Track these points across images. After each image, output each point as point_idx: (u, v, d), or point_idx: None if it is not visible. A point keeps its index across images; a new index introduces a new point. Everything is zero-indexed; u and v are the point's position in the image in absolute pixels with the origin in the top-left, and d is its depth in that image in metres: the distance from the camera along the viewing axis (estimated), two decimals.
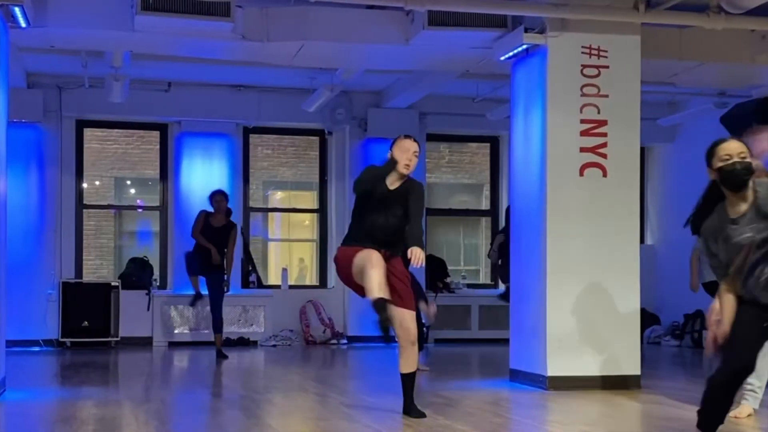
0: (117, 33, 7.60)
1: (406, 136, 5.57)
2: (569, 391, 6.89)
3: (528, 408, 6.34)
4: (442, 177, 13.83)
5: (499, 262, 10.01)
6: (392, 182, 5.52)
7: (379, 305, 5.21)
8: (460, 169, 13.81)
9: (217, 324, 9.80)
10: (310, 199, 12.82)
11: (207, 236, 9.73)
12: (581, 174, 7.20)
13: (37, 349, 10.61)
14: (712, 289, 8.85)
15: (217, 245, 9.72)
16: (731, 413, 5.19)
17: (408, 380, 5.62)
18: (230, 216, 9.88)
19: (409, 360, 5.58)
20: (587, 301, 7.14)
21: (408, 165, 5.45)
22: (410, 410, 5.60)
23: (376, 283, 5.24)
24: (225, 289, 9.73)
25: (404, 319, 5.49)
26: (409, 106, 11.48)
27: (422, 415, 5.55)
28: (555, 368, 7.05)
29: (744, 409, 5.56)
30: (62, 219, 11.09)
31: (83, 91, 10.77)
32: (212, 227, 9.76)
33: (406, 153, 5.43)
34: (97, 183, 13.81)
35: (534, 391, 6.99)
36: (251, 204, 12.28)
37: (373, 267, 5.28)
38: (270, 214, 13.57)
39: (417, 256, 5.23)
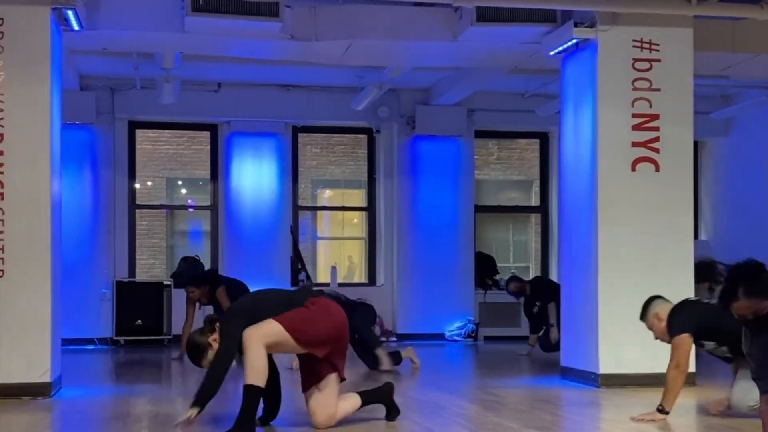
0: (168, 34, 7.70)
1: None
2: (622, 388, 6.81)
3: (579, 406, 6.28)
4: (491, 174, 13.77)
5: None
6: None
7: None
8: (509, 165, 13.73)
9: None
10: (358, 197, 12.85)
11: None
12: (633, 169, 7.12)
13: (91, 347, 10.78)
14: None
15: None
16: None
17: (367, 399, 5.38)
18: (203, 283, 9.26)
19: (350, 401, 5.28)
20: (640, 297, 7.02)
21: None
22: (390, 410, 5.42)
23: None
24: None
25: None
26: (457, 102, 11.44)
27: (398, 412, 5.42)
28: (607, 365, 6.98)
29: None
30: (116, 219, 11.26)
31: (135, 93, 10.91)
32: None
33: None
34: (149, 183, 14.00)
35: (586, 389, 6.93)
36: (300, 203, 12.35)
37: None
38: (319, 212, 13.63)
39: None
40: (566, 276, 7.71)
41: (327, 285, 11.85)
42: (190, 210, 13.12)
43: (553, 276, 12.16)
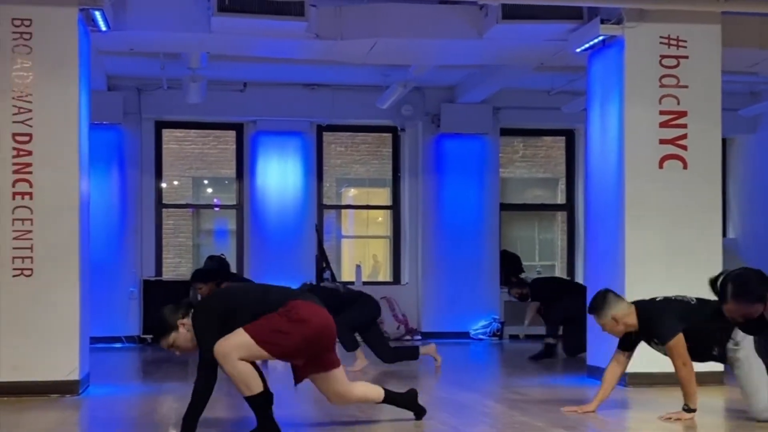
0: (194, 35, 7.74)
1: None
2: (649, 387, 6.77)
3: (606, 404, 6.22)
4: (516, 171, 13.74)
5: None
6: None
7: None
8: (535, 163, 13.69)
9: None
10: (383, 196, 12.86)
11: None
12: (660, 166, 7.07)
13: (119, 345, 10.85)
14: None
15: None
16: None
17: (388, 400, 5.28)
18: (210, 279, 8.96)
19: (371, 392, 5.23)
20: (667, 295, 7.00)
21: None
22: (417, 412, 5.34)
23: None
24: None
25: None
26: (483, 100, 11.41)
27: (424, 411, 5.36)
28: (634, 365, 6.89)
29: None
30: (142, 218, 11.33)
31: (162, 93, 10.98)
32: None
33: None
34: (176, 183, 14.10)
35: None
36: (325, 201, 12.37)
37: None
38: (343, 211, 13.64)
39: None
40: (593, 274, 7.66)
41: (351, 283, 11.89)
42: (216, 209, 13.19)
43: (579, 274, 12.11)
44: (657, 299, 5.65)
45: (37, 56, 6.57)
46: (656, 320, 5.50)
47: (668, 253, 7.05)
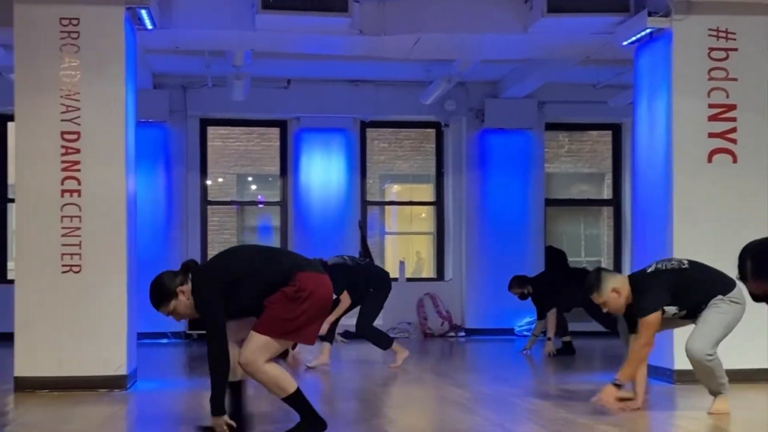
0: (238, 32, 7.79)
1: None
2: (697, 384, 6.64)
3: (654, 401, 6.17)
4: (561, 166, 13.63)
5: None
6: None
7: None
8: (580, 158, 13.56)
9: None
10: (426, 192, 12.83)
11: None
12: (709, 160, 6.97)
13: (165, 341, 10.97)
14: None
15: None
16: None
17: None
18: None
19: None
20: None
21: None
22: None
23: None
24: None
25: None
26: (527, 95, 11.32)
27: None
28: (682, 362, 6.78)
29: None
30: (188, 215, 11.42)
31: (207, 91, 11.06)
32: None
33: None
34: (221, 180, 14.21)
35: (661, 385, 6.81)
36: (368, 198, 12.37)
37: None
38: (387, 207, 13.63)
39: None
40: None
41: (395, 280, 11.88)
42: (260, 206, 13.26)
43: (626, 270, 11.96)
44: (648, 270, 5.56)
45: (85, 55, 6.66)
46: (640, 293, 5.40)
47: (717, 248, 6.92)
